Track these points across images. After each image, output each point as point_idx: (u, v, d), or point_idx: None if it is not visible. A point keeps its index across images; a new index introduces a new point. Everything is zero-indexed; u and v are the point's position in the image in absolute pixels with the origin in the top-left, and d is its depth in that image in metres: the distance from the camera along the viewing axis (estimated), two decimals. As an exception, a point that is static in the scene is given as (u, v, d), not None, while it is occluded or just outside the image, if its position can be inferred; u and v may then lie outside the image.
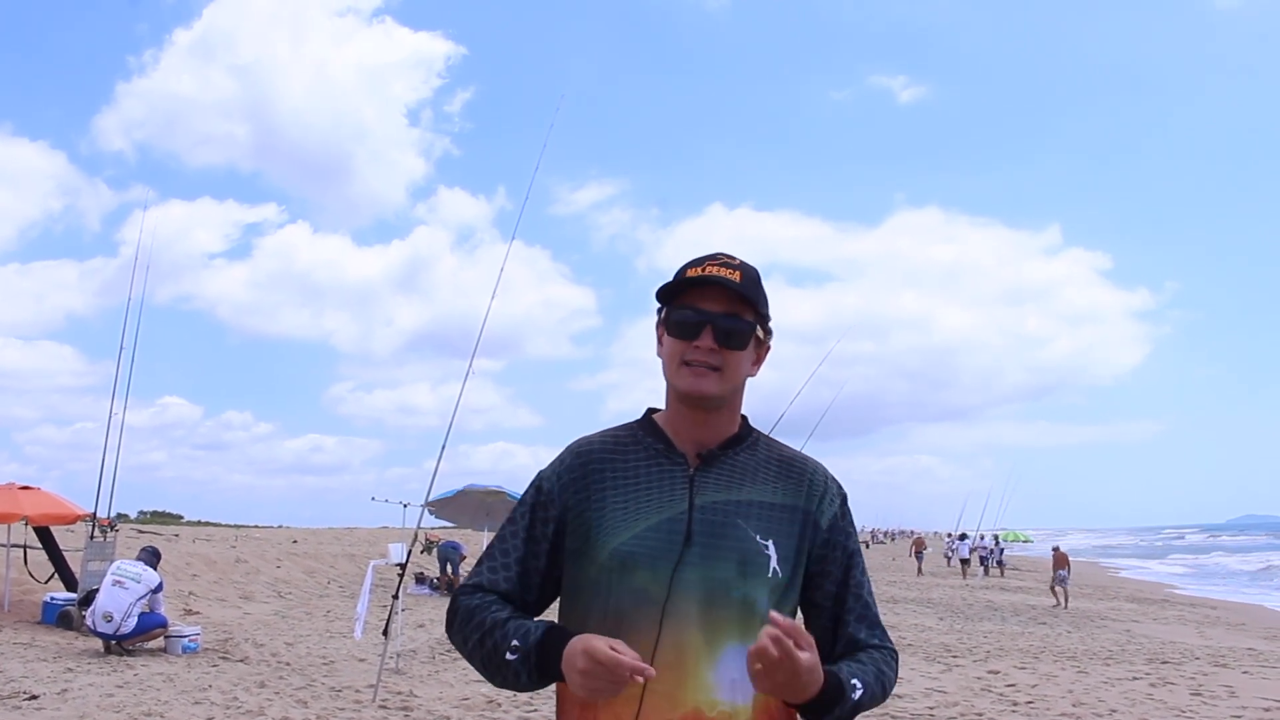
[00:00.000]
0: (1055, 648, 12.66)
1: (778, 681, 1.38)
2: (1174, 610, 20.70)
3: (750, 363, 1.64)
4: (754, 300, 1.60)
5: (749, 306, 1.60)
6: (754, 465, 1.64)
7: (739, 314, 1.59)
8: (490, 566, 1.64)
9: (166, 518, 43.80)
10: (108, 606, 9.69)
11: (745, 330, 1.59)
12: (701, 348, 1.57)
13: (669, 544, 1.54)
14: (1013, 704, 8.36)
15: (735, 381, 1.62)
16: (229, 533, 33.04)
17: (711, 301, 1.58)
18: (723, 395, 1.60)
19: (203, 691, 7.94)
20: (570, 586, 1.62)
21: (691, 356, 1.58)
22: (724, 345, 1.58)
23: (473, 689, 8.33)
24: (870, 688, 1.53)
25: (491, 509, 19.77)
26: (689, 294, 1.60)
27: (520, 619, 1.56)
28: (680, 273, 1.62)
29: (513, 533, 1.65)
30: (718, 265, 1.60)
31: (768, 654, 1.35)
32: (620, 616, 1.53)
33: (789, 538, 1.59)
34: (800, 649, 1.36)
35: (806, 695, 1.42)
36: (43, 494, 13.08)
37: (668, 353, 1.62)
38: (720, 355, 1.57)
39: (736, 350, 1.59)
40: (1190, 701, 8.68)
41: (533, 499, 1.66)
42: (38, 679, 8.19)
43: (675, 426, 1.64)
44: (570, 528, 1.61)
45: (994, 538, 38.84)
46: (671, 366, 1.61)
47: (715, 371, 1.58)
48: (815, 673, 1.40)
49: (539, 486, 1.67)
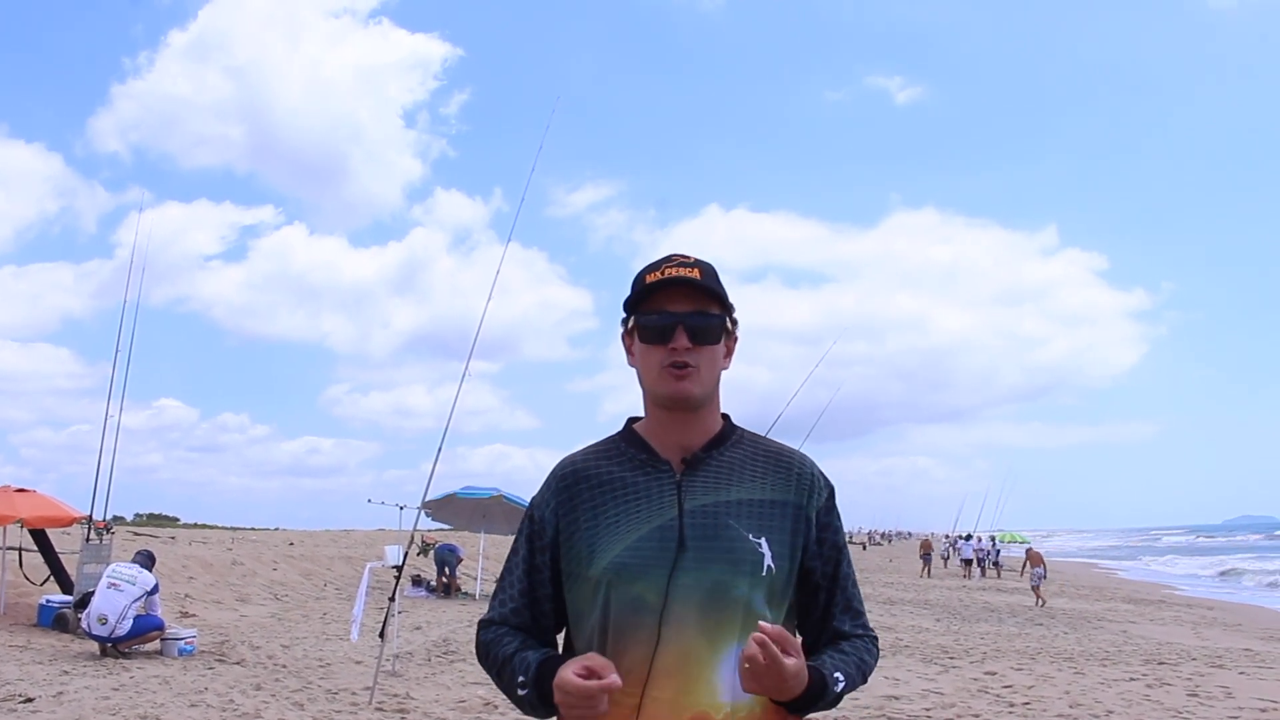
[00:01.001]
0: (1052, 649, 12.67)
1: (765, 685, 1.45)
2: (1170, 611, 20.73)
3: (723, 355, 1.66)
4: (718, 293, 1.62)
5: (714, 300, 1.62)
6: (740, 463, 1.65)
7: (706, 309, 1.61)
8: (500, 600, 1.69)
9: (163, 520, 43.68)
10: (103, 609, 9.68)
11: (716, 324, 1.62)
12: (677, 349, 1.58)
13: (662, 552, 1.55)
14: (1009, 705, 8.37)
15: (714, 377, 1.64)
16: (225, 535, 32.98)
17: (677, 302, 1.60)
18: (705, 394, 1.62)
19: (199, 694, 7.92)
20: (571, 607, 1.64)
21: (668, 359, 1.59)
22: (698, 342, 1.60)
23: (469, 691, 8.33)
24: (852, 677, 1.61)
25: (488, 511, 19.78)
26: (653, 299, 1.61)
27: (525, 651, 1.60)
28: (639, 280, 1.64)
29: (515, 565, 1.69)
30: (675, 266, 1.62)
31: (755, 660, 1.41)
32: (619, 629, 1.54)
33: (781, 533, 1.61)
34: (786, 655, 1.43)
35: (792, 695, 1.49)
36: (38, 496, 13.06)
37: (643, 360, 1.63)
38: (696, 353, 1.59)
39: (711, 345, 1.61)
40: (1187, 702, 8.69)
41: (528, 529, 1.69)
42: (33, 681, 8.17)
43: (657, 433, 1.66)
44: (564, 550, 1.63)
45: (991, 539, 38.96)
46: (650, 374, 1.62)
47: (694, 370, 1.59)
48: (800, 676, 1.47)
49: (531, 516, 1.70)
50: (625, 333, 1.68)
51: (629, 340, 1.67)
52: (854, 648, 1.66)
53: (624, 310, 1.67)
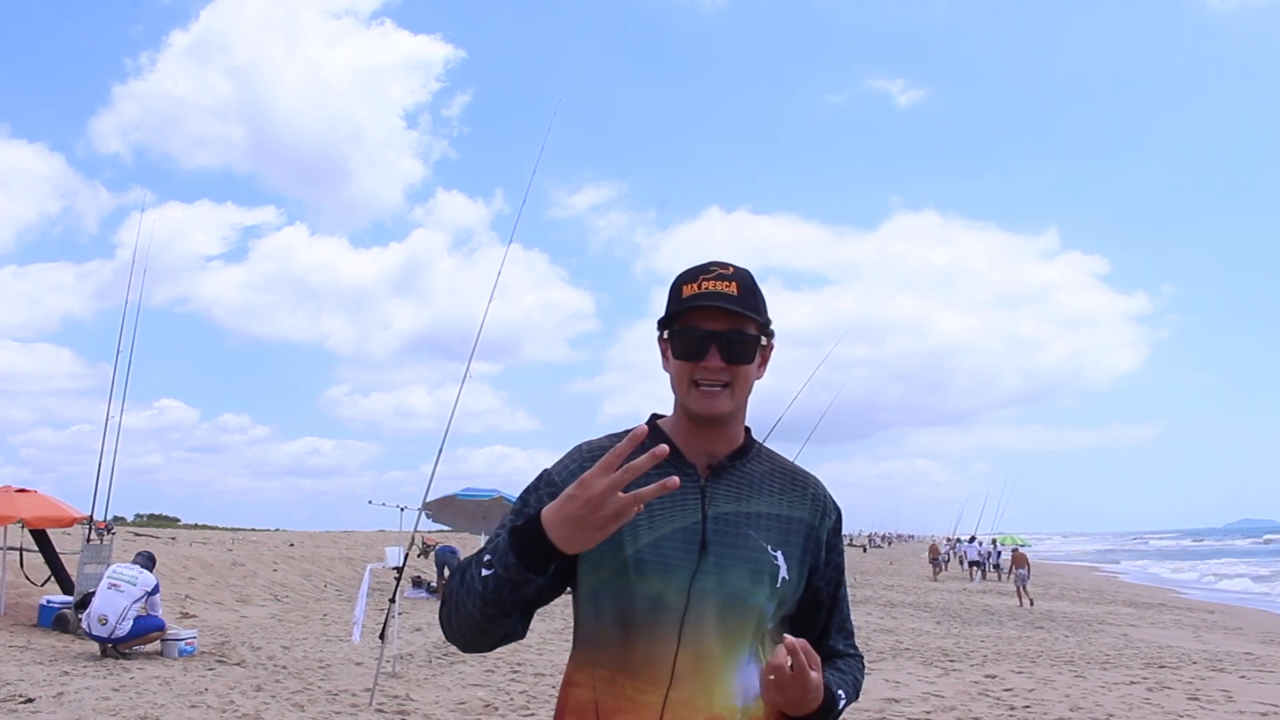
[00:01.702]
0: (1052, 652, 12.66)
1: (788, 697, 1.46)
2: (1171, 614, 20.70)
3: (756, 367, 1.64)
4: (755, 311, 1.59)
5: (750, 319, 1.58)
6: (761, 477, 1.66)
7: (742, 328, 1.58)
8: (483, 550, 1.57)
9: (163, 520, 43.69)
10: (103, 609, 9.69)
11: (751, 343, 1.59)
12: (710, 367, 1.57)
13: (686, 553, 1.55)
14: (1010, 708, 8.36)
15: (745, 393, 1.63)
16: (226, 536, 32.99)
17: (714, 319, 1.57)
18: (735, 409, 1.62)
19: (199, 695, 7.93)
20: (586, 587, 1.59)
21: (700, 377, 1.57)
22: (732, 362, 1.57)
23: (469, 693, 8.33)
24: (850, 696, 1.66)
25: (489, 513, 19.77)
26: (689, 313, 1.58)
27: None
28: (676, 290, 1.61)
29: (508, 520, 1.60)
30: (713, 279, 1.58)
31: (782, 671, 1.42)
32: (635, 624, 1.54)
33: (795, 548, 1.62)
34: (811, 668, 1.45)
35: (809, 710, 1.50)
36: (39, 497, 13.07)
37: (676, 373, 1.61)
38: (729, 372, 1.57)
39: (745, 364, 1.59)
40: (1188, 706, 8.68)
41: (542, 491, 1.60)
42: (34, 682, 8.18)
43: (684, 438, 1.64)
44: None
45: (992, 541, 38.95)
46: (682, 387, 1.61)
47: (726, 390, 1.58)
48: (819, 690, 1.48)
49: (548, 479, 1.61)
50: (660, 338, 1.65)
51: (664, 345, 1.64)
52: (849, 666, 1.72)
53: (661, 317, 1.63)
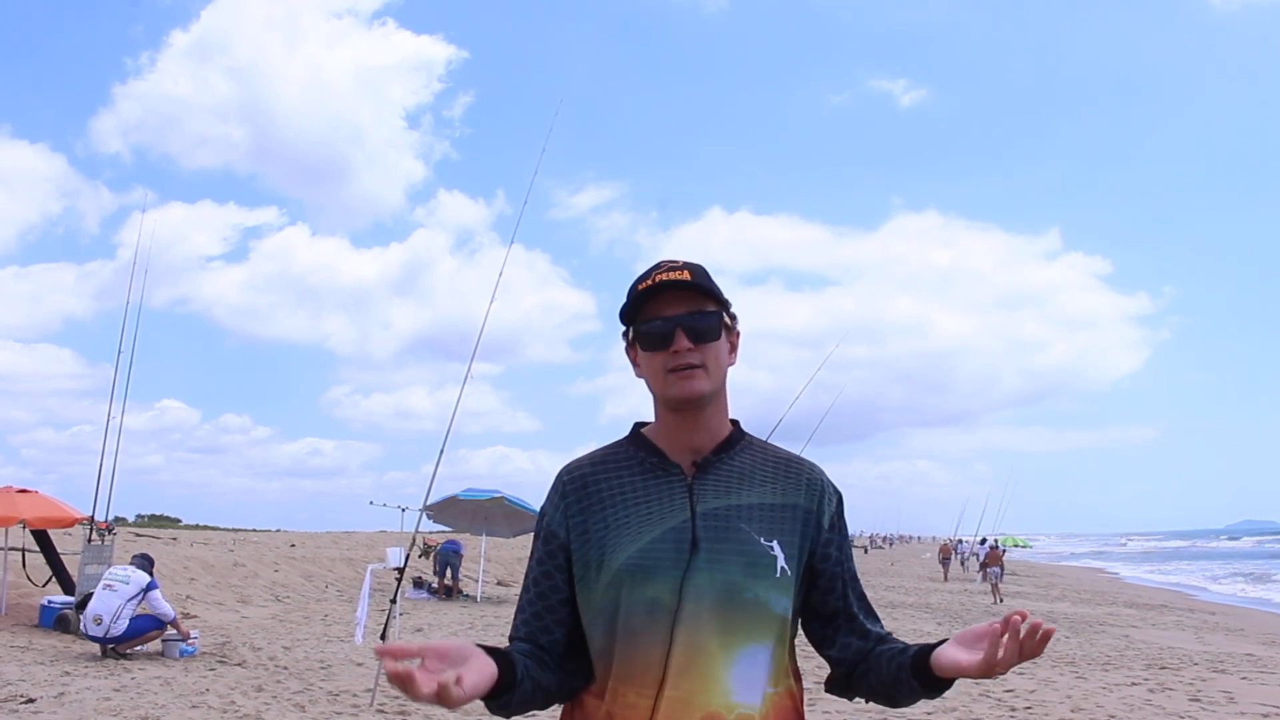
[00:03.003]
0: (1053, 653, 12.64)
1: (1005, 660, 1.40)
2: (1172, 615, 20.69)
3: (727, 351, 1.66)
4: (711, 290, 1.63)
5: (708, 297, 1.63)
6: (750, 468, 1.66)
7: (701, 308, 1.61)
8: (517, 611, 1.68)
9: (164, 521, 43.70)
10: (97, 609, 9.73)
11: (714, 320, 1.62)
12: (679, 350, 1.59)
13: (676, 552, 1.56)
14: (1011, 710, 8.35)
15: (721, 373, 1.64)
16: (227, 536, 32.99)
17: (672, 306, 1.61)
18: (714, 389, 1.63)
19: (200, 695, 7.93)
20: (584, 609, 1.63)
21: (673, 363, 1.59)
22: (699, 341, 1.60)
23: (470, 693, 8.32)
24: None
25: (490, 514, 19.79)
26: (648, 307, 1.62)
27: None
28: (631, 290, 1.65)
29: (528, 573, 1.69)
30: (664, 272, 1.63)
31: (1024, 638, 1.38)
32: (632, 629, 1.55)
33: (791, 535, 1.62)
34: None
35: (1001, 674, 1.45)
36: (40, 497, 13.08)
37: (648, 368, 1.64)
38: (699, 352, 1.60)
39: (713, 342, 1.62)
40: (1189, 707, 8.67)
41: (541, 536, 1.69)
42: (35, 682, 8.19)
43: (667, 437, 1.66)
44: (576, 554, 1.63)
45: (993, 542, 38.91)
46: (657, 380, 1.62)
47: (700, 369, 1.60)
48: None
49: (542, 521, 1.69)
50: (627, 345, 1.68)
51: (633, 352, 1.67)
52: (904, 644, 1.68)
53: (622, 323, 1.67)
